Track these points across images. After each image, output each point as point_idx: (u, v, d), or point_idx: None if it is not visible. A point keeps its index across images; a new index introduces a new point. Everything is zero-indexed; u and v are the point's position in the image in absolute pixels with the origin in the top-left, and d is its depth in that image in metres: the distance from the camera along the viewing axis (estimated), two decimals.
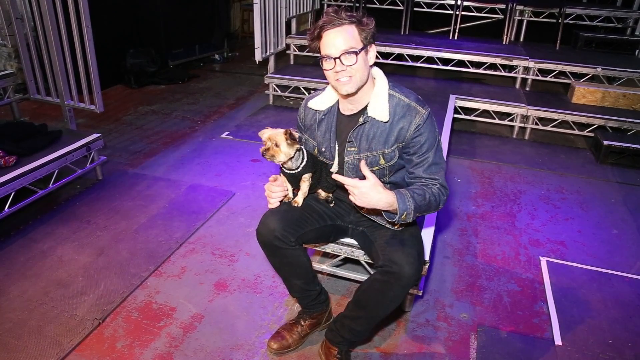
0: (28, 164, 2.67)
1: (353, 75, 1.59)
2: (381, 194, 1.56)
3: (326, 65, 1.60)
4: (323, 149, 1.82)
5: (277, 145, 1.66)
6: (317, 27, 1.58)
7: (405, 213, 1.60)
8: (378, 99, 1.67)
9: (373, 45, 1.64)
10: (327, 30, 1.56)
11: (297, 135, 1.68)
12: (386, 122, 1.67)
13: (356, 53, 1.56)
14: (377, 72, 1.73)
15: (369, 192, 1.55)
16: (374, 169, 1.72)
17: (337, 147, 1.79)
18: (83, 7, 3.00)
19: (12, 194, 2.56)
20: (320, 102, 1.80)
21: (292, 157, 1.70)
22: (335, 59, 1.56)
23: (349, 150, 1.74)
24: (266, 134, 1.68)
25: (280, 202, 1.84)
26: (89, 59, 3.14)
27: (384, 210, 1.63)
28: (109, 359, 1.89)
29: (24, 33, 3.46)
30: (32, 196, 2.73)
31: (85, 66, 3.18)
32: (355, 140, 1.72)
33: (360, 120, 1.69)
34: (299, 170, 1.74)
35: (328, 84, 1.76)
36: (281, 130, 1.66)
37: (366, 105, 1.70)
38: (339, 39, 1.55)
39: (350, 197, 1.59)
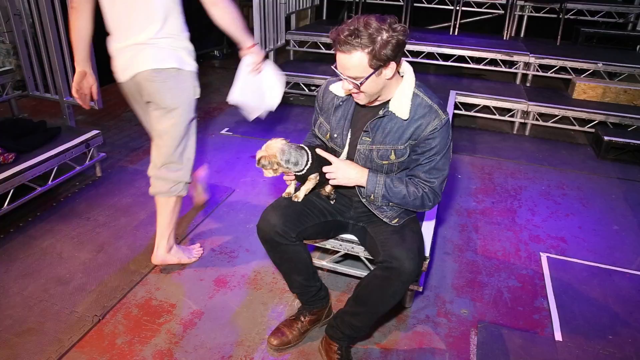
0: (27, 161, 2.66)
1: (363, 92, 1.58)
2: (358, 168, 1.72)
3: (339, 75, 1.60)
4: (335, 135, 1.80)
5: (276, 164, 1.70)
6: (332, 40, 1.52)
7: (372, 195, 1.72)
8: (402, 96, 1.65)
9: (392, 62, 1.51)
10: (337, 50, 1.52)
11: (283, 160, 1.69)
12: (405, 120, 1.66)
13: (360, 84, 1.53)
14: (407, 68, 1.69)
15: (347, 169, 1.70)
16: (384, 163, 1.72)
17: (349, 136, 1.78)
18: None
19: (12, 190, 2.56)
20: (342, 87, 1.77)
21: (291, 161, 1.69)
22: (344, 79, 1.57)
23: (363, 140, 1.73)
24: (260, 155, 1.70)
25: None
26: None
27: (359, 186, 1.75)
28: (109, 355, 1.89)
29: (22, 29, 3.45)
30: (31, 193, 2.72)
31: None
32: (371, 131, 1.70)
33: (380, 113, 1.67)
34: (303, 172, 1.73)
35: (327, 80, 1.75)
36: (275, 150, 1.67)
37: (389, 100, 1.68)
38: (346, 66, 1.51)
39: (332, 181, 1.73)
